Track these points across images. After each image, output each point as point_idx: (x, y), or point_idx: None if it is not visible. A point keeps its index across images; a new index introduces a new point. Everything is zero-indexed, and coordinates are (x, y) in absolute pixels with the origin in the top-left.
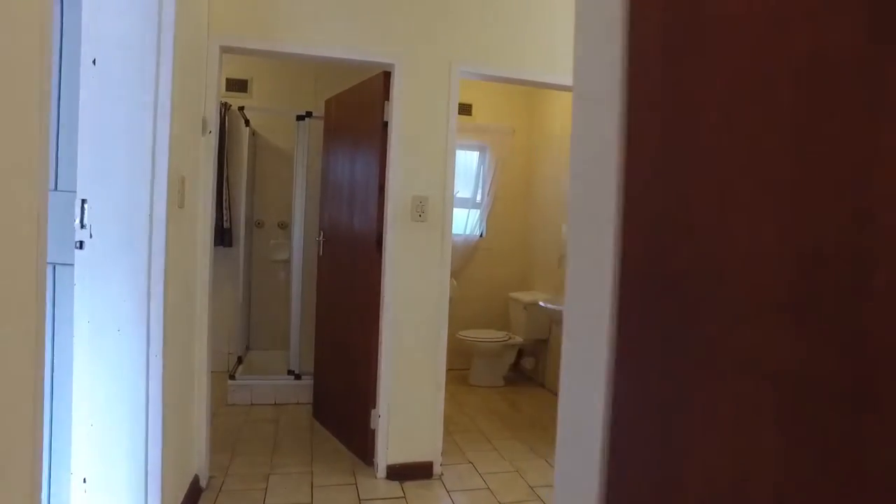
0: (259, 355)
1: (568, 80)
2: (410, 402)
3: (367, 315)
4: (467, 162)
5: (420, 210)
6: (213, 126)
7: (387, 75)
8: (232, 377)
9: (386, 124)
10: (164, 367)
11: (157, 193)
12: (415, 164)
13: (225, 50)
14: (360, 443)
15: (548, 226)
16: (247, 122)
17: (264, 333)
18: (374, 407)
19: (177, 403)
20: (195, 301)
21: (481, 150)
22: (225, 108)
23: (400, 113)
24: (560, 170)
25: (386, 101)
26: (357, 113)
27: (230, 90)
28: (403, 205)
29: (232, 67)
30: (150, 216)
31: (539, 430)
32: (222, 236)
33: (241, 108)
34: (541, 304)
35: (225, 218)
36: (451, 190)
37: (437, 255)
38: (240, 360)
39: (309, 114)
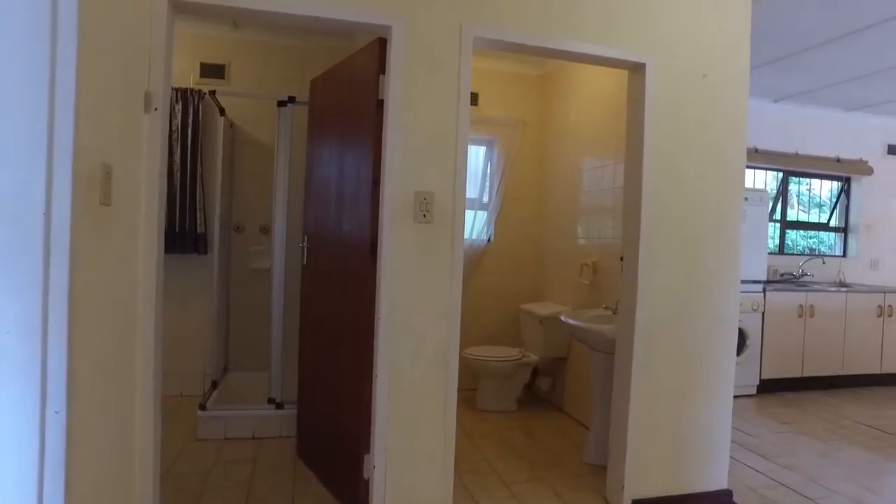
0: (238, 378)
1: (621, 53)
2: (413, 446)
3: (359, 337)
4: (473, 158)
5: (424, 209)
6: (161, 103)
7: (382, 43)
8: (202, 407)
9: (381, 104)
10: (71, 426)
11: (59, 184)
12: (417, 152)
13: (176, 6)
14: (351, 493)
15: (563, 229)
16: (222, 111)
17: (245, 353)
18: (368, 453)
19: (105, 468)
20: (135, 324)
21: (489, 144)
22: (198, 95)
23: (399, 89)
24: (576, 166)
25: (381, 75)
26: (347, 92)
27: (205, 76)
28: (404, 203)
29: (206, 50)
30: (47, 215)
31: (563, 468)
32: (195, 242)
33: (213, 93)
34: (563, 319)
35: (198, 221)
36: (463, 184)
37: (445, 263)
38: (214, 386)
39: (292, 99)
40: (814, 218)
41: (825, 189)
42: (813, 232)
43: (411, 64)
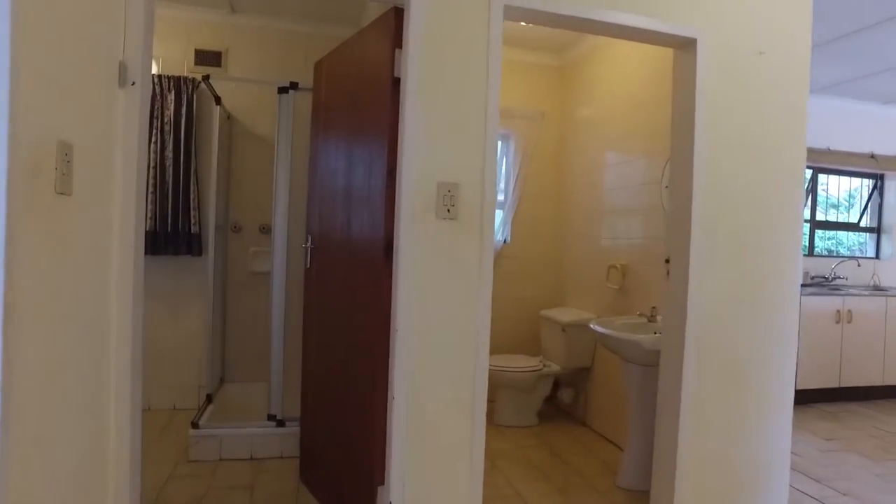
0: (236, 390)
1: (667, 26)
2: (435, 478)
3: (371, 352)
4: None
5: (448, 203)
6: (140, 77)
7: (399, 13)
8: (195, 425)
9: (397, 83)
10: (6, 452)
11: None
12: (440, 137)
13: None
14: None
15: (585, 230)
16: (217, 100)
17: (243, 363)
18: (383, 484)
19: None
20: (108, 332)
21: (504, 138)
22: (192, 84)
23: (418, 65)
24: (599, 162)
25: (397, 49)
26: (357, 71)
27: (200, 64)
28: (424, 196)
29: (202, 37)
30: None
31: (596, 494)
32: (189, 243)
33: (207, 78)
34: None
35: (192, 220)
36: (493, 175)
37: (472, 267)
38: (209, 400)
39: (294, 84)
40: (832, 217)
41: (849, 186)
42: (831, 232)
43: (433, 36)
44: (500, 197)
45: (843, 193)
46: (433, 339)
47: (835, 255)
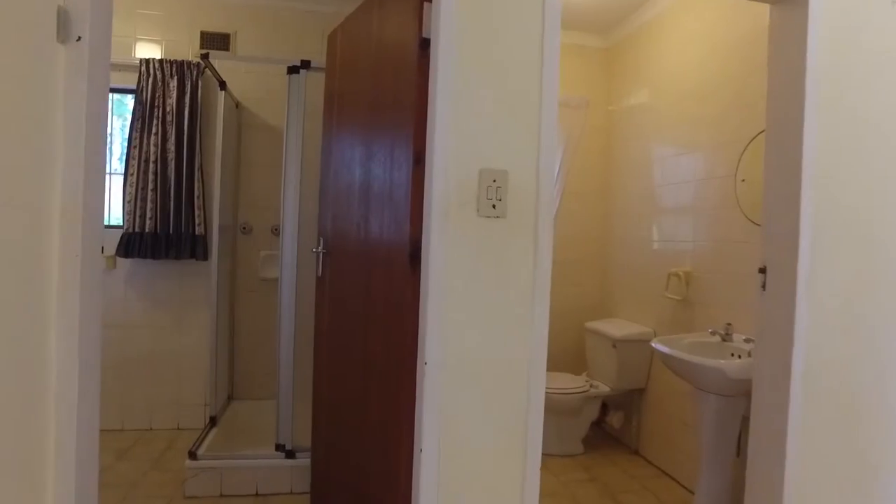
0: (244, 410)
1: None
2: None
3: (392, 386)
4: None
5: (494, 197)
6: (90, 31)
7: None
8: (192, 455)
9: (426, 45)
10: None
11: None
12: (482, 113)
13: None
14: None
15: (635, 231)
16: (222, 84)
17: (253, 378)
18: None
19: None
20: (46, 364)
21: None
22: (196, 69)
23: (453, 20)
24: (646, 155)
25: (426, 2)
26: (377, 36)
27: (206, 48)
28: (461, 187)
29: (208, 16)
30: None
31: None
32: (193, 246)
33: (206, 56)
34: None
35: (197, 221)
36: (551, 160)
37: (525, 278)
38: (213, 422)
39: (306, 63)
40: None
41: None
42: None
43: None
44: None
45: None
46: (472, 372)
47: None
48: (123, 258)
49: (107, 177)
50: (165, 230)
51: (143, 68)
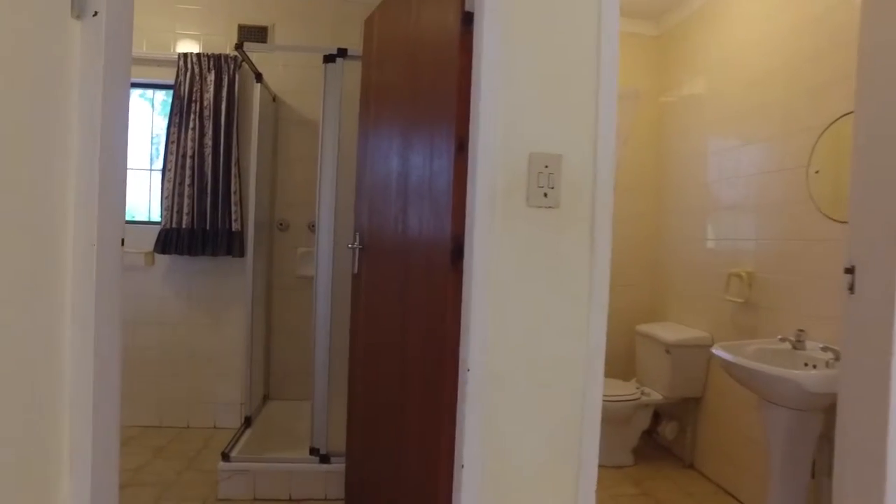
0: (280, 411)
1: None
2: None
3: (431, 390)
4: None
5: (546, 185)
6: (103, 4)
7: None
8: (226, 457)
9: (469, 20)
10: None
11: None
12: (532, 91)
13: None
14: None
15: (689, 228)
16: (258, 77)
17: (290, 377)
18: None
19: None
20: (59, 360)
21: None
22: (234, 63)
23: None
24: (702, 147)
25: None
26: (416, 15)
27: (244, 41)
28: (509, 174)
29: (245, 10)
30: None
31: None
32: (229, 243)
33: (240, 46)
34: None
35: (234, 217)
36: (611, 144)
37: (581, 277)
38: (247, 423)
39: (343, 52)
40: None
41: None
42: None
43: None
44: None
45: None
46: (520, 381)
47: None
48: (161, 255)
49: (148, 173)
50: (202, 226)
51: (181, 63)
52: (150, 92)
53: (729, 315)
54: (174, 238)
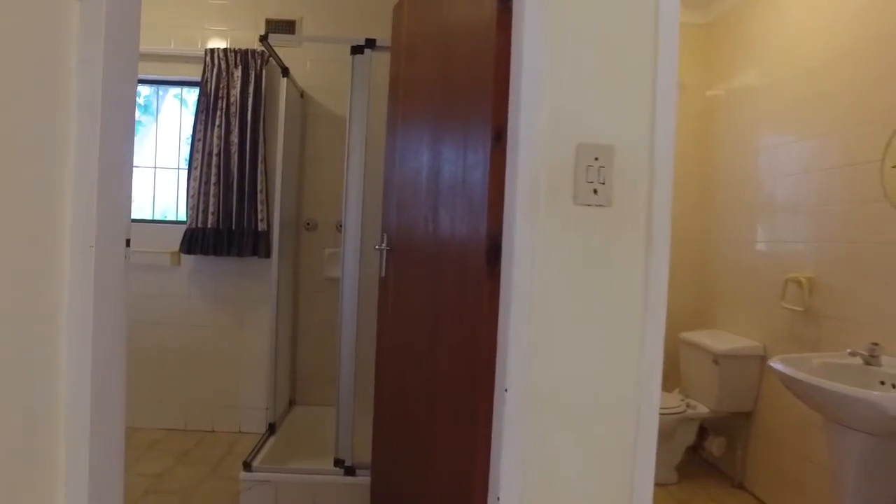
0: (306, 416)
1: None
2: None
3: (463, 410)
4: None
5: (596, 179)
6: None
7: None
8: (247, 466)
9: None
10: None
11: None
12: (579, 75)
13: None
14: None
15: (739, 229)
16: (284, 71)
17: (317, 382)
18: None
19: None
20: (55, 370)
21: None
22: (261, 58)
23: None
24: (756, 142)
25: None
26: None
27: (271, 28)
28: (553, 168)
29: (273, 5)
30: None
31: None
32: (255, 243)
33: (265, 38)
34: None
35: (259, 216)
36: (669, 132)
37: (635, 283)
38: (271, 430)
39: (371, 42)
40: None
41: None
42: None
43: None
44: None
45: None
46: (565, 402)
47: None
48: (187, 255)
49: (177, 172)
50: (228, 226)
51: (208, 58)
52: (183, 91)
53: (785, 324)
54: (199, 238)
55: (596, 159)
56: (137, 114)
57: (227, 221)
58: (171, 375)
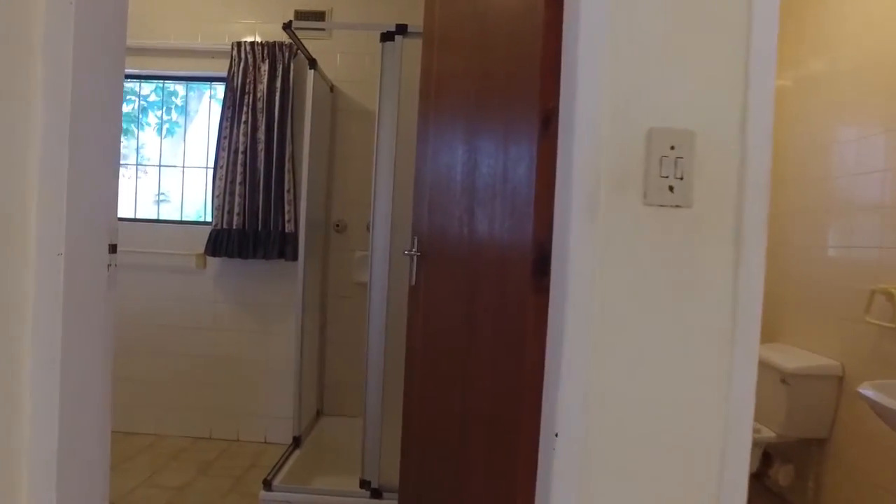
0: (333, 428)
1: None
2: None
3: (502, 453)
4: None
5: (671, 173)
6: None
7: None
8: (267, 485)
9: None
10: None
11: None
12: (649, 44)
13: None
14: None
15: (806, 233)
16: (311, 63)
17: (346, 392)
18: None
19: None
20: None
21: None
22: (289, 51)
23: None
24: (828, 136)
25: None
26: None
27: (300, 20)
28: (617, 158)
29: None
30: None
31: None
32: (282, 245)
33: (289, 26)
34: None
35: (286, 217)
36: (768, 117)
37: (721, 301)
38: (296, 444)
39: (402, 28)
40: None
41: None
42: None
43: None
44: None
45: None
46: (634, 452)
47: None
48: (212, 257)
49: (205, 171)
50: (253, 227)
51: (235, 52)
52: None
53: (870, 342)
54: (224, 239)
55: (672, 148)
56: (174, 114)
57: (254, 222)
58: (197, 382)
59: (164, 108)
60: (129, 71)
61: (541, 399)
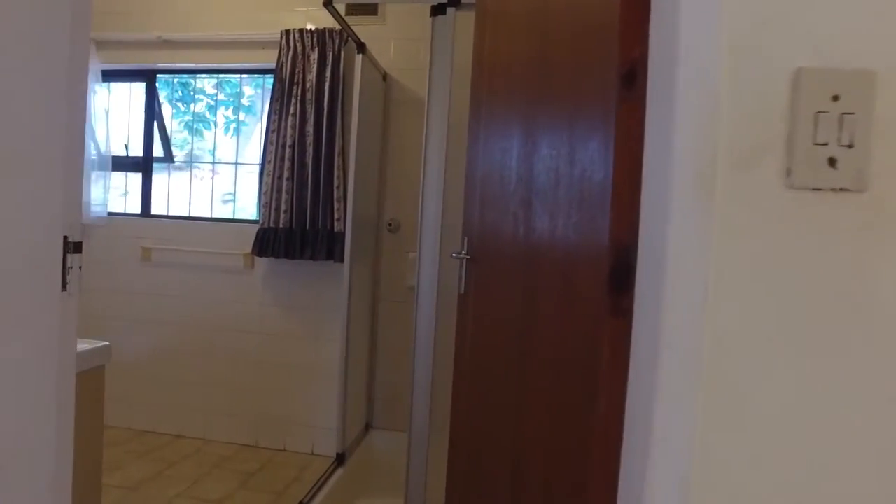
0: (381, 443)
1: None
2: None
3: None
4: None
5: (833, 138)
6: None
7: None
8: None
9: None
10: None
11: None
12: None
13: None
14: None
15: None
16: (360, 47)
17: (396, 404)
18: None
19: None
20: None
21: None
22: (340, 38)
23: None
24: None
25: None
26: None
27: (351, 14)
28: (744, 118)
29: None
30: None
31: None
32: (330, 245)
33: (330, 2)
34: None
35: (336, 216)
36: None
37: None
38: (339, 461)
39: (455, 1)
40: None
41: None
42: None
43: None
44: None
45: None
46: None
47: None
48: (259, 257)
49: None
50: (301, 226)
51: (283, 41)
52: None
53: None
54: (271, 238)
55: (835, 99)
56: (242, 115)
57: (301, 221)
58: (246, 387)
59: (232, 107)
60: (173, 66)
61: (617, 464)
